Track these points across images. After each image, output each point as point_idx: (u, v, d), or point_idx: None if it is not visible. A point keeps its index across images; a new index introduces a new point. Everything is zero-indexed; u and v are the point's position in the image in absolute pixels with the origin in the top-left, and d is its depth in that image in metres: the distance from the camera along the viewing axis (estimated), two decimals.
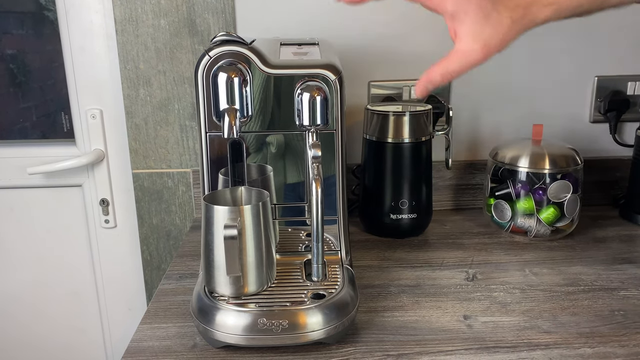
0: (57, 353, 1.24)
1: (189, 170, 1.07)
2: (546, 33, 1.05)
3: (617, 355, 0.63)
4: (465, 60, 0.57)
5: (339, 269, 0.73)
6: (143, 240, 1.10)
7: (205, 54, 0.68)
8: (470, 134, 1.11)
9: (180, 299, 0.77)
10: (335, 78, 0.70)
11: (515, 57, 1.07)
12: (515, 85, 1.08)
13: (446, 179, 1.10)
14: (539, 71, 1.08)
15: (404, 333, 0.68)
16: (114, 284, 1.19)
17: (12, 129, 1.19)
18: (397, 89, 1.06)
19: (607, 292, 0.78)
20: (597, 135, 1.11)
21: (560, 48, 1.06)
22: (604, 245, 0.94)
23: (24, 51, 1.15)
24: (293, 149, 0.75)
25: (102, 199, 1.14)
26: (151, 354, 0.65)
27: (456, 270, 0.85)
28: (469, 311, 0.73)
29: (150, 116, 1.05)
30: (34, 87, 1.17)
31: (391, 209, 0.95)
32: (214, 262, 0.65)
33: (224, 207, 0.63)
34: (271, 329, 0.62)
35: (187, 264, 0.89)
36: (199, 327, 0.65)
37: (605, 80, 1.08)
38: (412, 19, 1.03)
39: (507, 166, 0.95)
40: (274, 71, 0.70)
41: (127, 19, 1.00)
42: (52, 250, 1.18)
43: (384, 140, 0.94)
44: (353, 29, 1.03)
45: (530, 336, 0.67)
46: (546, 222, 0.93)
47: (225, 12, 1.00)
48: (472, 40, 0.55)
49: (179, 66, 1.02)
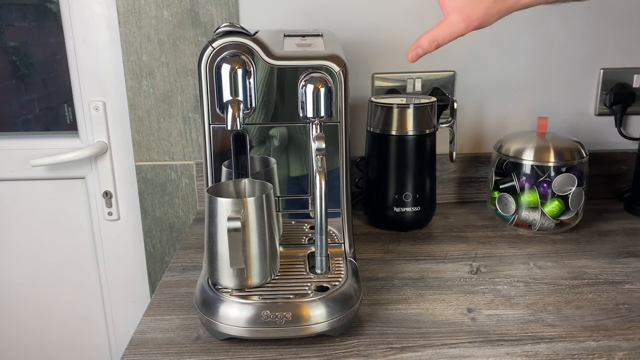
0: (61, 345, 1.25)
1: (192, 162, 1.07)
2: (551, 25, 1.05)
3: (621, 349, 0.63)
4: (449, 30, 0.64)
5: (342, 262, 0.72)
6: (146, 232, 1.10)
7: (208, 45, 0.68)
8: (474, 127, 1.10)
9: (184, 291, 0.77)
10: (340, 69, 0.69)
11: (520, 49, 1.06)
12: (520, 77, 1.08)
13: (450, 172, 1.10)
14: (544, 64, 1.07)
15: (407, 326, 0.68)
16: (118, 276, 1.20)
17: (15, 121, 1.19)
18: (401, 81, 1.06)
19: (612, 285, 0.78)
20: (602, 128, 1.11)
21: (565, 40, 1.06)
22: (608, 238, 0.93)
23: (26, 43, 1.15)
24: (297, 141, 0.75)
25: (105, 191, 1.14)
26: (154, 345, 0.65)
27: (460, 263, 0.85)
28: (472, 304, 0.73)
29: (153, 108, 1.04)
30: (37, 80, 1.17)
31: (395, 201, 0.95)
32: (218, 255, 0.65)
33: (228, 200, 0.63)
34: (275, 321, 0.62)
35: (190, 257, 0.89)
36: (203, 319, 0.65)
37: (610, 72, 1.08)
38: (416, 11, 1.02)
39: (511, 159, 0.95)
40: (278, 62, 0.69)
41: (129, 10, 0.99)
42: (55, 242, 1.18)
43: (388, 132, 0.93)
44: (357, 21, 1.03)
45: (535, 329, 0.67)
46: (550, 215, 0.93)
47: (229, 3, 1.00)
48: (456, 13, 0.63)
49: (182, 58, 1.02)
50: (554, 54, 1.06)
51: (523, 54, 1.06)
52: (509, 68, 1.07)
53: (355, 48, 1.03)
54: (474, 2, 0.62)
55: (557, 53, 1.06)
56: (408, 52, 0.66)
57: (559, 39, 1.05)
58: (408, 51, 0.66)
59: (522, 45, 1.06)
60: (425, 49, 0.65)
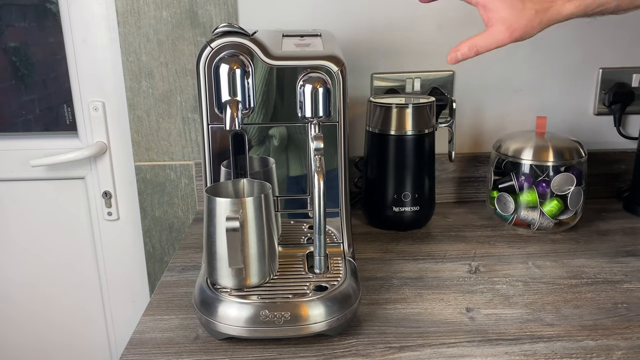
0: (61, 344, 1.25)
1: (192, 162, 1.07)
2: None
3: (620, 348, 0.63)
4: (492, 39, 0.65)
5: (341, 262, 0.73)
6: (146, 232, 1.11)
7: (206, 45, 0.68)
8: (473, 127, 1.10)
9: (183, 291, 0.77)
10: (338, 69, 0.69)
11: (519, 49, 1.05)
12: (519, 77, 1.08)
13: (449, 172, 1.10)
14: (543, 63, 1.07)
15: (406, 325, 0.68)
16: (117, 276, 1.20)
17: (15, 121, 1.19)
18: (400, 81, 1.06)
19: (611, 284, 0.78)
20: (601, 128, 1.11)
21: (564, 40, 1.06)
22: (607, 238, 0.93)
23: (26, 44, 1.15)
24: (295, 141, 0.75)
25: (104, 191, 1.14)
26: (154, 345, 0.65)
27: (459, 262, 0.85)
28: (471, 304, 0.73)
29: (153, 108, 1.04)
30: (37, 80, 1.17)
31: (394, 201, 0.95)
32: (217, 254, 0.65)
33: (226, 200, 0.63)
34: (273, 321, 0.62)
35: (189, 256, 0.89)
36: (202, 319, 0.65)
37: (609, 72, 1.08)
38: (415, 10, 1.02)
39: (510, 159, 0.95)
40: (276, 63, 0.70)
41: (128, 10, 1.00)
42: (55, 242, 1.18)
43: (387, 132, 0.93)
44: (356, 21, 1.03)
45: (533, 329, 0.67)
46: (549, 214, 0.93)
47: (227, 3, 1.00)
48: (500, 23, 0.65)
49: (181, 58, 1.02)
50: (552, 53, 1.06)
51: (522, 53, 1.06)
52: (508, 68, 1.07)
53: (355, 48, 1.03)
54: (517, 13, 0.64)
55: (556, 52, 1.06)
56: (448, 54, 0.67)
57: (557, 38, 1.05)
58: (448, 53, 0.67)
59: (521, 44, 1.05)
60: (464, 54, 0.67)
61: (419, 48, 1.04)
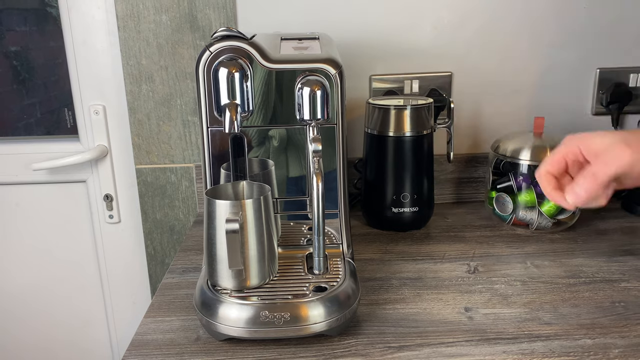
0: (63, 346, 1.26)
1: (192, 165, 1.08)
2: (547, 25, 1.06)
3: (617, 346, 0.64)
4: (616, 162, 0.61)
5: (340, 262, 0.73)
6: (147, 235, 1.11)
7: (205, 49, 0.69)
8: (471, 127, 1.11)
9: (184, 293, 0.78)
10: (336, 72, 0.70)
11: (517, 49, 1.06)
12: (516, 78, 1.08)
13: (448, 172, 1.10)
14: (541, 63, 1.08)
15: (405, 325, 0.69)
16: (119, 279, 1.20)
17: (17, 125, 1.20)
18: (399, 82, 1.06)
19: (608, 283, 0.78)
20: (599, 128, 1.11)
21: (562, 40, 1.06)
22: (605, 237, 0.94)
23: (27, 48, 1.16)
24: (294, 143, 0.76)
25: (106, 194, 1.15)
26: (155, 347, 0.65)
27: (458, 263, 0.85)
28: (470, 303, 0.73)
29: (153, 112, 1.05)
30: (38, 84, 1.18)
31: (393, 202, 0.95)
32: (217, 256, 0.65)
33: (226, 202, 0.64)
34: (273, 322, 0.62)
35: (190, 258, 0.89)
36: (202, 320, 0.66)
37: (607, 72, 1.08)
38: (413, 12, 1.03)
39: (508, 159, 0.95)
40: (275, 66, 0.70)
41: (128, 14, 1.00)
42: (57, 245, 1.19)
43: (386, 134, 0.94)
44: (354, 23, 1.03)
45: (531, 328, 0.68)
46: (548, 214, 0.93)
47: (226, 7, 1.01)
48: (622, 143, 0.61)
49: (180, 62, 1.03)
50: (550, 53, 1.07)
51: (519, 54, 1.07)
52: (506, 68, 1.07)
53: (353, 50, 1.04)
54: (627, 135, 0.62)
55: (554, 53, 1.07)
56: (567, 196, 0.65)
57: (555, 39, 1.06)
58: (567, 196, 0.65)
59: (519, 45, 1.06)
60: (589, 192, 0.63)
61: (417, 50, 1.05)
